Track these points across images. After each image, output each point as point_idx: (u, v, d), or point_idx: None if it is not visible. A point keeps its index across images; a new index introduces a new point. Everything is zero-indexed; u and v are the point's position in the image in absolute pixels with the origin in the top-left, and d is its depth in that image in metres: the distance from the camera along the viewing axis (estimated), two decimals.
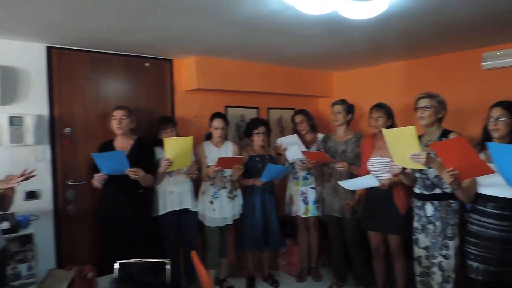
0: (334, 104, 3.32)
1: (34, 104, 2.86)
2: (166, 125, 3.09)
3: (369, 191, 2.94)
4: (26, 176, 2.05)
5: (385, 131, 2.29)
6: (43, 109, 2.90)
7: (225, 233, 3.39)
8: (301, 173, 3.50)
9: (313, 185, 3.49)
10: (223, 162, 3.00)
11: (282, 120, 4.32)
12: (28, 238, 2.56)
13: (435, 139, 2.49)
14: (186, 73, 3.51)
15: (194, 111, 3.64)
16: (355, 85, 4.26)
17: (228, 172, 3.22)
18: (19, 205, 2.72)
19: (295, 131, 3.57)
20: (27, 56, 2.83)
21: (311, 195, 3.48)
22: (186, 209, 3.14)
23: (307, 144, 3.46)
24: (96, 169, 2.70)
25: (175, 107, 3.54)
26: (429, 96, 2.53)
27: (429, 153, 2.17)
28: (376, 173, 2.84)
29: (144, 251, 2.92)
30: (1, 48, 2.72)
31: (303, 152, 3.22)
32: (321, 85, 4.43)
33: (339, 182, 2.94)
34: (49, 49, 2.91)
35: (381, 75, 3.99)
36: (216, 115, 3.28)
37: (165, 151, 2.77)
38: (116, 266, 1.02)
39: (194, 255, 2.11)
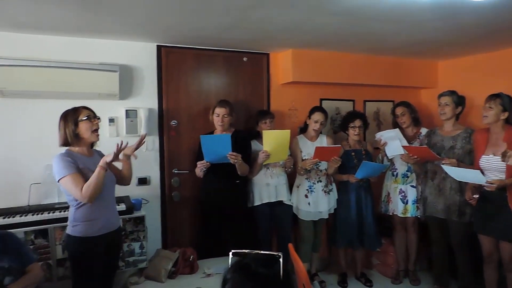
0: (441, 95, 3.03)
1: (146, 98, 3.13)
2: (264, 116, 3.16)
3: (484, 192, 2.63)
4: (139, 144, 2.26)
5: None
6: (154, 103, 3.16)
7: (319, 227, 3.35)
8: (401, 170, 3.29)
9: (413, 184, 3.26)
10: (320, 153, 2.93)
11: (379, 113, 4.11)
12: (140, 220, 2.83)
13: None
14: (282, 66, 3.53)
15: (289, 104, 3.65)
16: (465, 74, 3.82)
17: (323, 165, 3.17)
18: (133, 190, 3.04)
19: (396, 124, 3.37)
20: (141, 55, 3.10)
21: (411, 194, 3.26)
22: (281, 202, 3.17)
23: (408, 139, 3.23)
24: (199, 158, 2.88)
25: (270, 100, 3.59)
26: None
27: None
28: (489, 172, 2.54)
29: (239, 239, 3.08)
30: (119, 48, 3.01)
31: (405, 147, 3.00)
32: (424, 75, 4.09)
33: (443, 166, 2.68)
34: (159, 48, 3.15)
35: (498, 62, 3.51)
36: (317, 109, 3.25)
37: (264, 143, 2.82)
38: (230, 255, 1.06)
39: (291, 248, 2.13)
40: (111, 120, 2.94)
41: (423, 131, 3.27)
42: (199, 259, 2.94)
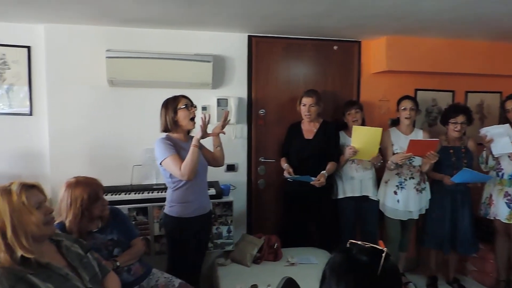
0: None
1: (237, 87, 3.21)
2: (350, 107, 3.05)
3: None
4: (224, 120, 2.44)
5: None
6: (243, 92, 3.22)
7: (407, 227, 3.14)
8: (508, 171, 2.93)
9: None
10: (415, 147, 2.70)
11: (483, 106, 3.70)
12: (229, 205, 2.93)
13: None
14: (375, 55, 3.36)
15: (380, 94, 3.47)
16: None
17: (417, 161, 2.95)
18: (221, 175, 3.17)
19: (505, 120, 3.00)
20: (233, 46, 3.17)
21: None
22: (366, 197, 3.05)
23: None
24: (285, 148, 2.94)
25: (360, 90, 3.45)
26: None
27: None
28: None
29: (323, 232, 3.06)
30: (213, 40, 3.11)
31: None
32: None
33: None
34: (250, 38, 3.20)
35: None
36: (404, 97, 3.05)
37: (352, 138, 2.75)
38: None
39: (381, 245, 2.04)
40: (204, 108, 3.07)
41: None
42: (282, 247, 2.96)
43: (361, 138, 2.73)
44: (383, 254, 0.96)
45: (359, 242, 1.03)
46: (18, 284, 1.27)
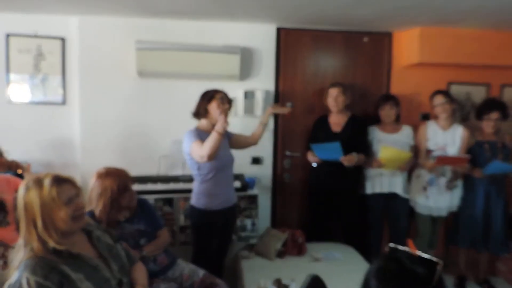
0: None
1: (264, 80, 3.16)
2: (384, 102, 2.97)
3: None
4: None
5: None
6: (270, 85, 3.18)
7: (437, 223, 3.05)
8: None
9: None
10: (443, 161, 2.72)
11: None
12: (253, 198, 2.93)
13: None
14: (407, 47, 3.23)
15: (411, 88, 3.35)
16: None
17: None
18: (247, 168, 3.16)
19: None
20: (261, 38, 3.12)
21: None
22: (396, 194, 2.96)
23: None
24: (311, 140, 2.91)
25: (391, 83, 3.35)
26: None
27: None
28: None
29: (349, 228, 3.01)
30: (241, 31, 3.07)
31: None
32: None
33: None
34: (278, 30, 3.15)
35: None
36: (437, 92, 2.93)
37: (380, 155, 2.78)
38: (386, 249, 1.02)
39: (410, 244, 1.99)
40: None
41: None
42: (307, 242, 2.91)
43: (388, 156, 2.76)
44: (438, 267, 0.92)
45: (404, 249, 0.98)
46: (51, 273, 1.28)
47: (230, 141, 2.52)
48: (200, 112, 2.32)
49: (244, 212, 2.91)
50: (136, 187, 2.65)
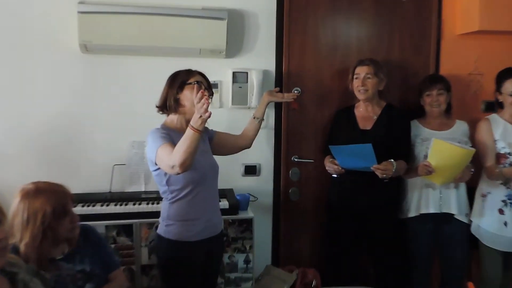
0: None
1: (260, 57, 3.16)
2: (430, 86, 2.98)
3: None
4: None
5: None
6: (270, 63, 3.18)
7: None
8: None
9: None
10: None
11: None
12: (247, 224, 2.90)
13: None
14: (462, 9, 3.27)
15: (469, 65, 3.39)
16: None
17: None
18: (237, 180, 3.18)
19: None
20: None
21: None
22: (450, 216, 2.95)
23: None
24: (329, 142, 2.90)
25: (440, 59, 3.37)
26: None
27: None
28: None
29: (383, 266, 3.03)
30: None
31: None
32: None
33: None
34: None
35: None
36: (508, 73, 2.92)
37: (430, 154, 2.74)
38: None
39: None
40: (214, 85, 3.01)
41: None
42: (325, 285, 2.92)
43: (442, 156, 2.72)
44: None
45: None
46: None
47: (213, 142, 2.50)
48: (169, 104, 2.30)
49: (234, 244, 2.89)
50: (79, 209, 2.67)
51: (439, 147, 2.72)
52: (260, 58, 3.16)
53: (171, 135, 2.22)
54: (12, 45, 2.91)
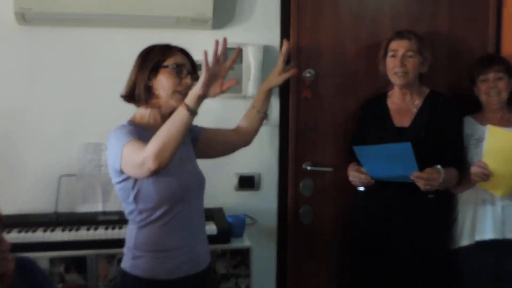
0: None
1: (260, 28, 3.20)
2: (486, 69, 2.96)
3: None
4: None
5: None
6: (273, 37, 3.21)
7: None
8: None
9: None
10: None
11: None
12: (243, 255, 2.87)
13: None
14: None
15: None
16: None
17: None
18: (229, 196, 3.19)
19: None
20: None
21: None
22: None
23: None
24: (355, 142, 2.90)
25: (502, 34, 3.39)
26: None
27: None
28: None
29: None
30: None
31: None
32: None
33: None
34: None
35: None
36: None
37: (485, 149, 2.73)
38: None
39: None
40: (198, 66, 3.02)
41: None
42: None
43: (503, 151, 2.71)
44: None
45: None
46: None
47: (198, 142, 2.47)
48: (137, 92, 2.24)
49: (224, 283, 2.88)
50: (14, 236, 2.67)
51: (498, 137, 2.71)
52: (259, 30, 3.19)
53: (139, 133, 2.16)
54: None
